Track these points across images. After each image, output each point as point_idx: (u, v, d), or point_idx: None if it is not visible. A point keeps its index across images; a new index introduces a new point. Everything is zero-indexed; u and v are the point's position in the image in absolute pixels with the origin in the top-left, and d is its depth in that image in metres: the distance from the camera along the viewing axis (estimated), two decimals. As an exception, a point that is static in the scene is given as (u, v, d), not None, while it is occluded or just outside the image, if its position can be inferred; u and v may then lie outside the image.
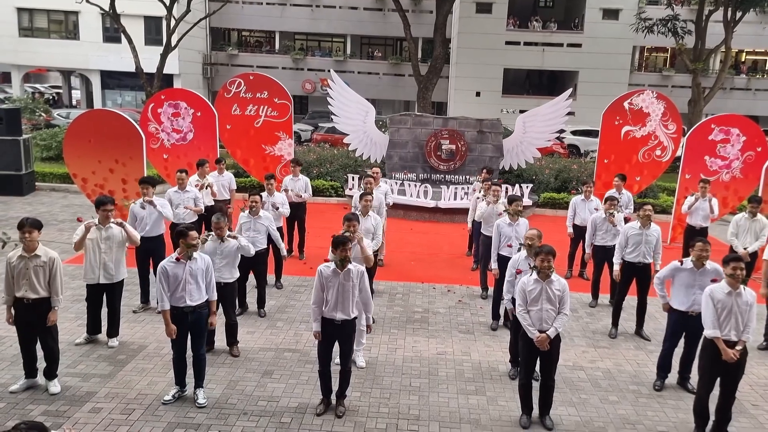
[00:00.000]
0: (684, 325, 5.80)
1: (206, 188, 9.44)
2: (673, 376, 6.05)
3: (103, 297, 6.43)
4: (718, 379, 4.99)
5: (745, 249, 8.28)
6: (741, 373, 4.99)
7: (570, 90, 14.78)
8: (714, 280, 5.34)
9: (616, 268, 7.31)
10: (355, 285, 5.13)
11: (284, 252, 7.86)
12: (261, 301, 7.54)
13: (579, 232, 9.18)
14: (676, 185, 11.67)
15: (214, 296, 5.55)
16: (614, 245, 7.53)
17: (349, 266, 5.13)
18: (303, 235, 9.85)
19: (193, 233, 5.34)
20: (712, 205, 9.43)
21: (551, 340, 5.03)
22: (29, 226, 5.22)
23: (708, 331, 4.93)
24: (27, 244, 5.26)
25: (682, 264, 5.78)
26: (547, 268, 5.00)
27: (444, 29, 22.47)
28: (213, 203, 9.59)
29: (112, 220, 6.34)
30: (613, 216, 7.99)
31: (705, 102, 21.42)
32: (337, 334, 5.20)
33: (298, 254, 9.84)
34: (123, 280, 6.52)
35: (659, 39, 23.47)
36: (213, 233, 6.26)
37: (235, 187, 10.43)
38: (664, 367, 6.01)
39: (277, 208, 8.51)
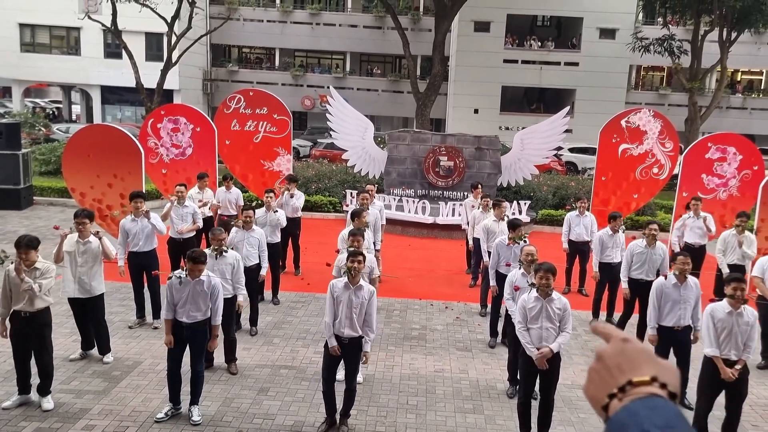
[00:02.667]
0: (672, 340, 5.80)
1: (209, 209, 9.70)
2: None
3: (84, 312, 6.37)
4: (723, 398, 4.97)
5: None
6: (745, 391, 4.95)
7: (567, 108, 14.89)
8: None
9: (624, 286, 7.38)
10: (364, 303, 5.08)
11: (263, 271, 7.48)
12: (253, 320, 7.40)
13: (574, 247, 9.20)
14: (674, 203, 11.70)
15: (217, 321, 5.44)
16: (620, 262, 7.60)
17: (362, 283, 5.10)
18: (297, 251, 9.81)
19: (202, 266, 5.29)
20: (707, 225, 9.41)
21: (551, 359, 5.00)
22: (25, 247, 5.24)
23: (707, 350, 4.92)
24: (24, 263, 5.29)
25: (666, 278, 5.81)
26: (546, 285, 4.98)
27: (443, 47, 22.67)
28: (212, 215, 9.79)
29: (91, 231, 6.30)
30: (618, 232, 8.04)
31: (701, 120, 21.56)
32: (343, 352, 5.15)
33: (294, 270, 9.80)
34: (102, 294, 6.44)
35: (656, 58, 23.70)
36: (211, 248, 6.22)
37: (242, 203, 10.46)
38: None
39: (275, 212, 8.52)
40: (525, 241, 7.08)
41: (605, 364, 0.91)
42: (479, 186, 10.92)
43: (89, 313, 6.37)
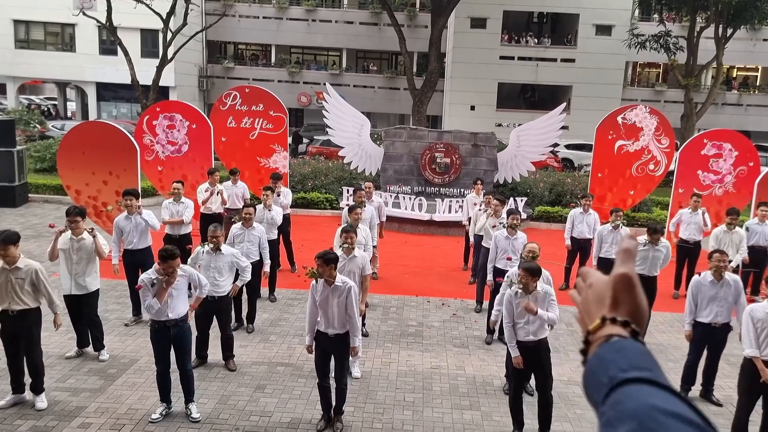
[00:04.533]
0: (708, 337, 5.83)
1: (217, 195, 9.55)
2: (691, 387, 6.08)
3: (79, 308, 6.34)
4: (759, 399, 4.93)
5: (729, 263, 8.27)
6: None
7: (564, 104, 14.89)
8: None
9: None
10: (341, 301, 5.08)
11: (267, 268, 7.58)
12: (251, 316, 7.41)
13: (577, 244, 9.22)
14: (670, 199, 11.73)
15: (203, 294, 5.64)
16: None
17: (337, 282, 5.10)
18: (290, 248, 9.77)
19: (177, 261, 5.23)
20: (705, 219, 9.46)
21: (539, 352, 5.06)
22: (2, 243, 5.16)
23: (747, 351, 4.88)
24: (5, 258, 5.23)
25: (700, 275, 5.86)
26: (525, 285, 5.04)
27: (439, 44, 22.63)
28: (222, 210, 9.68)
29: (86, 228, 6.27)
30: (619, 227, 8.11)
31: (697, 117, 21.61)
32: (330, 348, 5.16)
33: (290, 267, 9.78)
34: (97, 291, 6.42)
35: (652, 55, 23.70)
36: (208, 244, 6.21)
37: (249, 197, 10.39)
38: (688, 379, 6.06)
39: (270, 210, 8.48)
40: (517, 224, 7.27)
41: (579, 317, 0.93)
42: (480, 182, 10.87)
43: (84, 310, 6.35)
